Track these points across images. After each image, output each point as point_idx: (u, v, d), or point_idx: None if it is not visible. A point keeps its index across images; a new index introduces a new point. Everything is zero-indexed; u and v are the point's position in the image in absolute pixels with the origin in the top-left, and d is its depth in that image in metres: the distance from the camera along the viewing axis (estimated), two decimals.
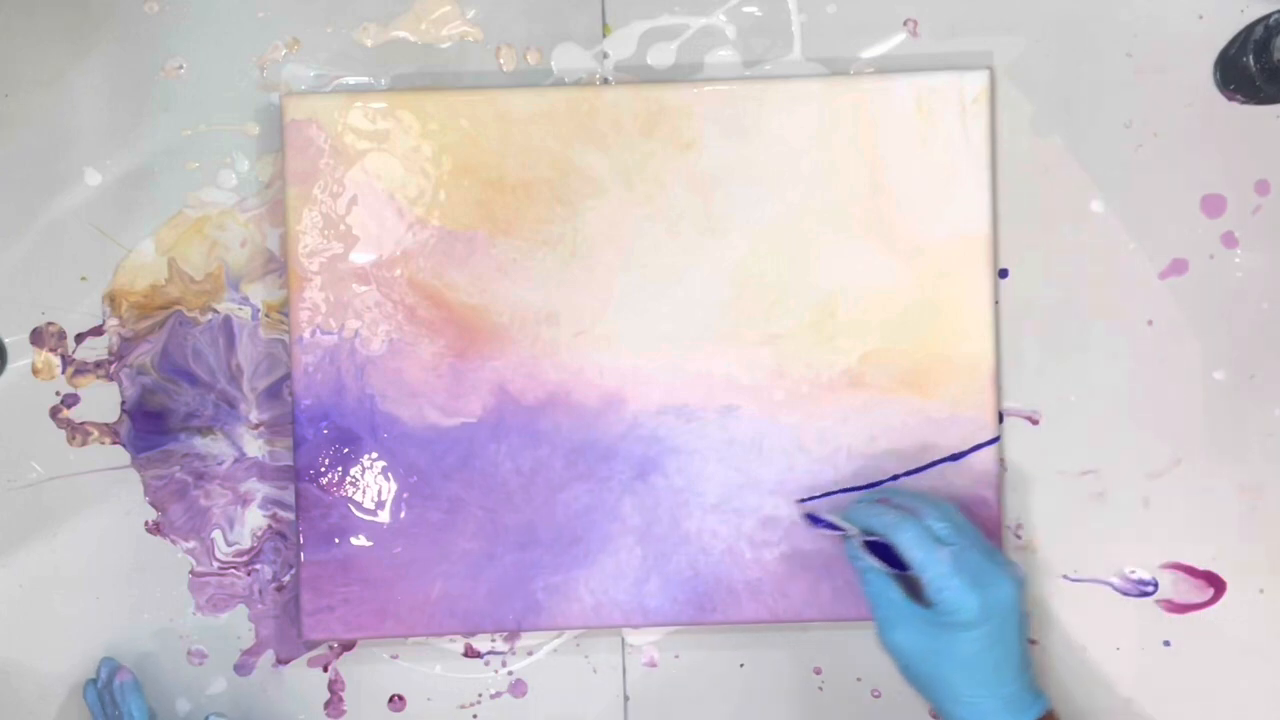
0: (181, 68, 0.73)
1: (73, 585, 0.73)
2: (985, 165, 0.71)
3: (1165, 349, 0.73)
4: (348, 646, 0.74)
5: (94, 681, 0.71)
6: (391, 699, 0.74)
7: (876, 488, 0.71)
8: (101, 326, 0.73)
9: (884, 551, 0.66)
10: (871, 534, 0.66)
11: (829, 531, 0.68)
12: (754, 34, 0.73)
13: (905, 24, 0.73)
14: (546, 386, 0.72)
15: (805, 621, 0.72)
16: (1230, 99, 0.72)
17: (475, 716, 0.74)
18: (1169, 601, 0.73)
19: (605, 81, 0.73)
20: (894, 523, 0.65)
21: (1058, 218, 0.73)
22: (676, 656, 0.74)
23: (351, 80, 0.73)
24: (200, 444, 0.73)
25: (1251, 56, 0.70)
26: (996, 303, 0.72)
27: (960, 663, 0.64)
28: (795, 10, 0.73)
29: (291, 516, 0.73)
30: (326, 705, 0.74)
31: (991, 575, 0.64)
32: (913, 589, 0.65)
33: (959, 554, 0.64)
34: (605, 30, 0.73)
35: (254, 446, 0.73)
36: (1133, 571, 0.73)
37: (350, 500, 0.71)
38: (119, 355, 0.73)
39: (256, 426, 0.73)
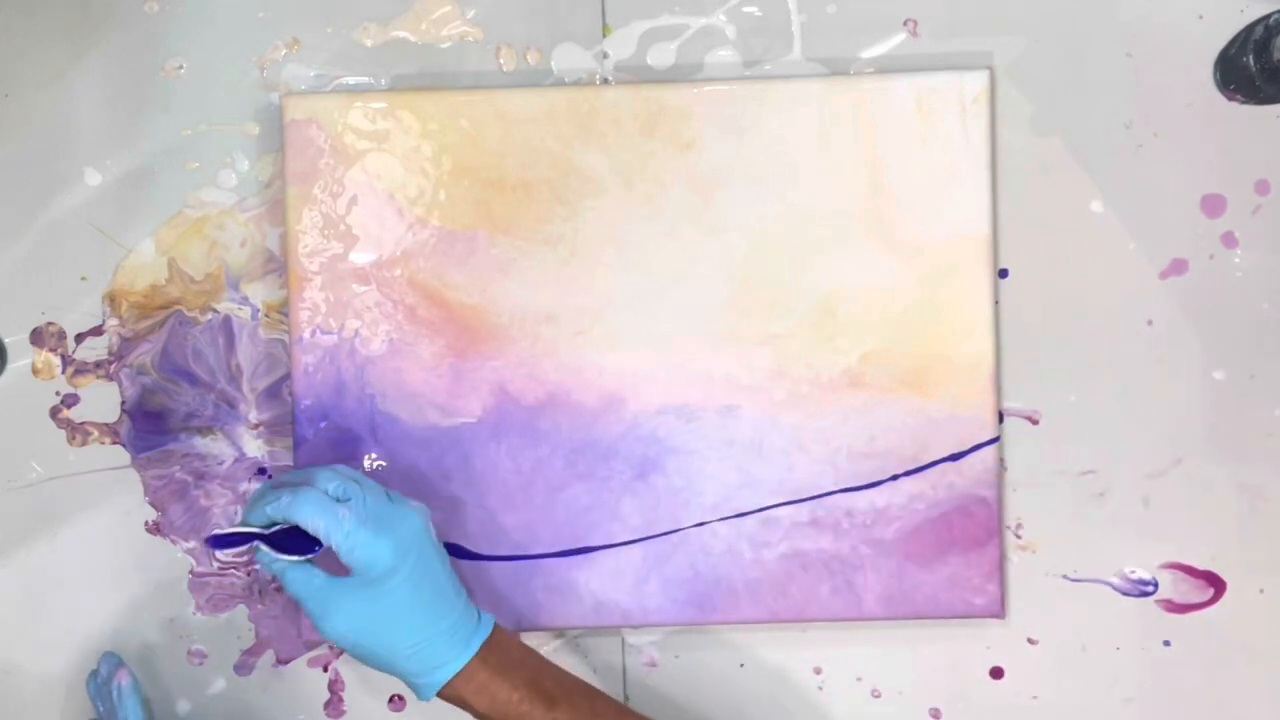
0: (181, 68, 0.73)
1: (73, 585, 0.73)
2: (985, 165, 0.71)
3: (1165, 349, 0.73)
4: None
5: (94, 675, 0.71)
6: (391, 699, 0.74)
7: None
8: (101, 326, 0.73)
9: (294, 545, 0.63)
10: (274, 525, 0.64)
11: (236, 548, 0.64)
12: (754, 34, 0.73)
13: (905, 24, 0.73)
14: (546, 386, 0.72)
15: (805, 621, 0.72)
16: (1230, 99, 0.72)
17: None
18: (1169, 601, 0.73)
19: (605, 81, 0.73)
20: (290, 500, 0.63)
21: (1058, 218, 0.73)
22: (676, 656, 0.74)
23: (351, 80, 0.73)
24: (200, 444, 0.73)
25: (1251, 56, 0.70)
26: (996, 303, 0.72)
27: (398, 613, 0.62)
28: (795, 10, 0.73)
29: None
30: (326, 705, 0.74)
31: (396, 514, 0.63)
32: (332, 567, 0.63)
33: (360, 506, 0.63)
34: (605, 30, 0.73)
35: (254, 446, 0.73)
36: (1133, 571, 0.73)
37: None
38: (119, 355, 0.73)
39: (256, 426, 0.73)
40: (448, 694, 0.64)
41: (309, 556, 0.63)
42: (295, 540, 0.63)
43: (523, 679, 0.64)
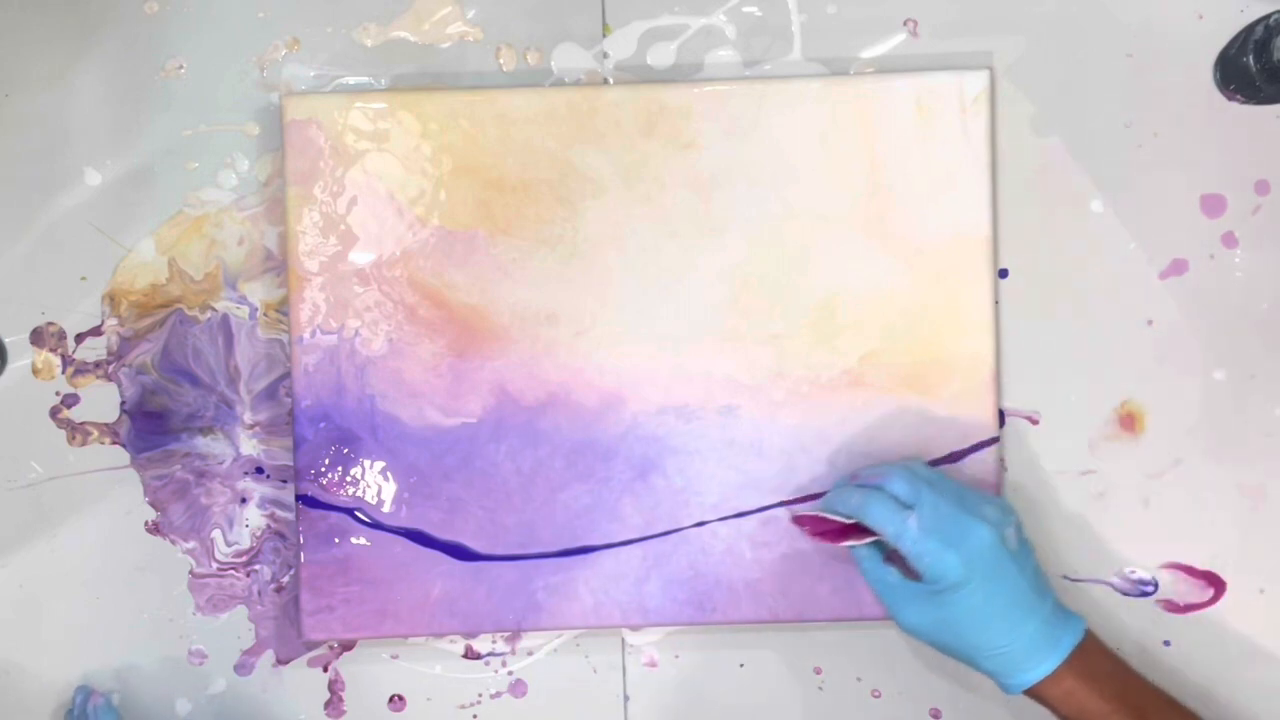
0: (181, 68, 0.73)
1: (73, 585, 0.73)
2: (985, 165, 0.71)
3: (1165, 349, 0.73)
4: (348, 646, 0.74)
5: (71, 713, 0.71)
6: (391, 699, 0.74)
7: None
8: (101, 326, 0.73)
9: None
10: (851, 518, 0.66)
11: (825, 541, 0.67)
12: (754, 34, 0.73)
13: (905, 24, 0.73)
14: (546, 386, 0.71)
15: (805, 621, 0.72)
16: (1230, 99, 0.72)
17: (475, 716, 0.74)
18: (1169, 601, 0.73)
19: (605, 81, 0.73)
20: (860, 502, 0.64)
21: (1058, 218, 0.73)
22: (676, 656, 0.74)
23: (351, 80, 0.73)
24: (201, 443, 0.73)
25: (1251, 56, 0.70)
26: (996, 303, 0.72)
27: (971, 622, 0.62)
28: (795, 10, 0.73)
29: (290, 516, 0.73)
30: (326, 705, 0.74)
31: (964, 526, 0.63)
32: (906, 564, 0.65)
33: (927, 515, 0.63)
34: (605, 30, 0.73)
35: (251, 446, 0.73)
36: (1133, 571, 0.73)
37: (350, 500, 0.71)
38: (118, 355, 0.73)
39: (252, 427, 0.73)
40: (1031, 694, 0.63)
41: (889, 550, 0.65)
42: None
43: (1112, 691, 0.63)
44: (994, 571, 0.62)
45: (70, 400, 0.73)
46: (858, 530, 0.66)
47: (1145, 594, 0.73)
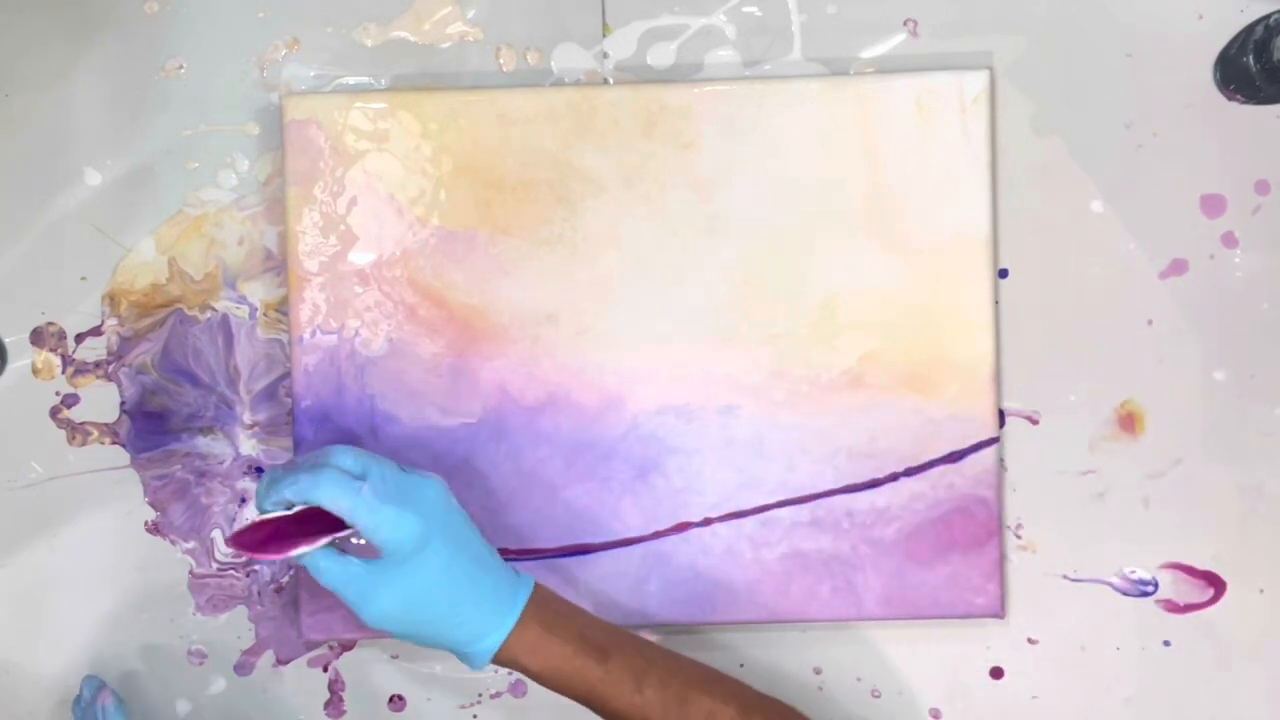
0: (181, 68, 0.73)
1: (73, 585, 0.73)
2: (985, 165, 0.71)
3: (1165, 349, 0.73)
4: (348, 646, 0.74)
5: (79, 700, 0.71)
6: (391, 699, 0.74)
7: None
8: (101, 326, 0.73)
9: (314, 528, 0.61)
10: (292, 507, 0.61)
11: (267, 555, 0.61)
12: (754, 34, 0.73)
13: (905, 24, 0.73)
14: (546, 386, 0.72)
15: (805, 621, 0.72)
16: (1230, 99, 0.72)
17: (475, 716, 0.74)
18: (1169, 601, 0.73)
19: (605, 81, 0.73)
20: (310, 481, 0.59)
21: (1058, 218, 0.73)
22: None
23: (351, 80, 0.73)
24: (201, 443, 0.73)
25: (1251, 56, 0.70)
26: (996, 303, 0.72)
27: (437, 585, 0.60)
28: (795, 10, 0.73)
29: None
30: (326, 705, 0.74)
31: (415, 484, 0.61)
32: (362, 551, 0.61)
33: (379, 482, 0.60)
34: (605, 30, 0.73)
35: (251, 446, 0.73)
36: (1133, 571, 0.73)
37: None
38: (118, 355, 0.73)
39: (252, 427, 0.73)
40: (501, 659, 0.62)
41: (341, 535, 0.61)
42: (315, 523, 0.61)
43: (572, 634, 0.62)
44: (453, 523, 0.61)
45: (70, 400, 0.73)
46: (304, 537, 0.61)
47: (1145, 594, 0.73)
